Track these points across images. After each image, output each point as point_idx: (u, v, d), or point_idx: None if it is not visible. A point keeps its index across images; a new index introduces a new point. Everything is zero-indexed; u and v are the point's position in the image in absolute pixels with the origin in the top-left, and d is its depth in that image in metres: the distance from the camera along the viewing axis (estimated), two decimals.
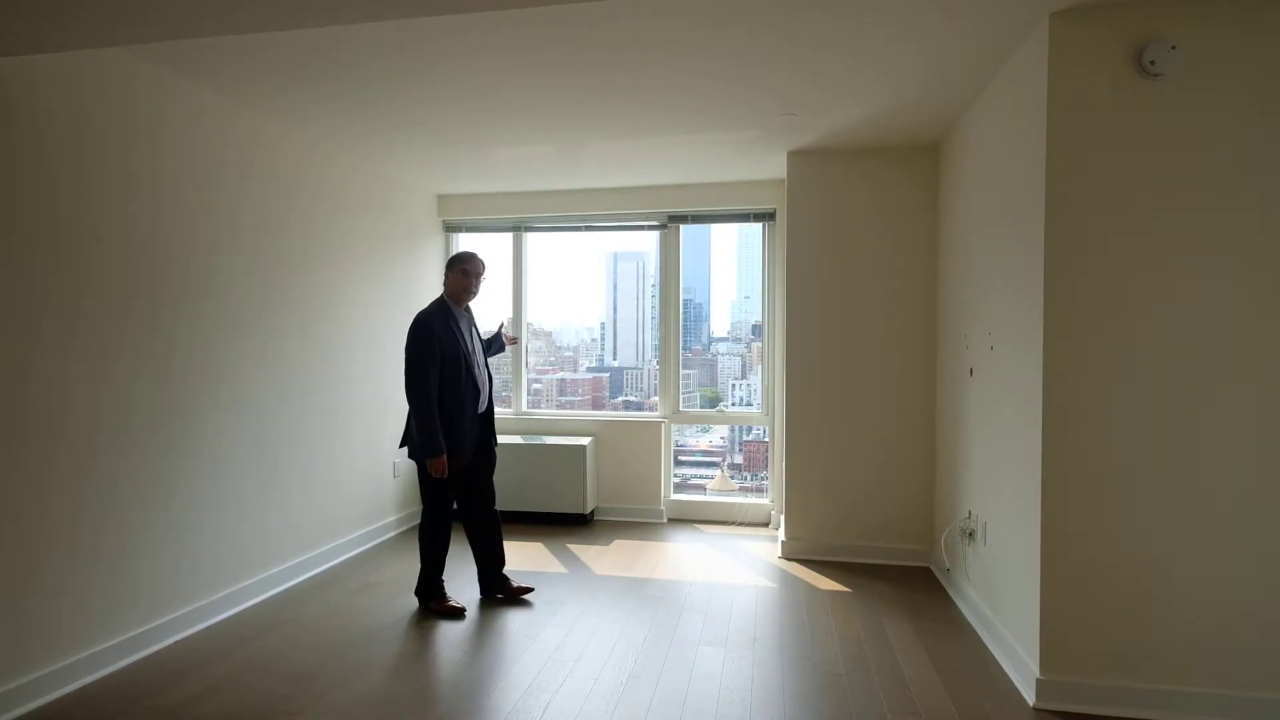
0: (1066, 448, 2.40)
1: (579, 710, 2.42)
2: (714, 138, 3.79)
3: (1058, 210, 2.38)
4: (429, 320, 3.21)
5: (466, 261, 3.32)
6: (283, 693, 2.53)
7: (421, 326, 3.18)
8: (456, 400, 3.21)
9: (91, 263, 2.60)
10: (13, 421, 2.35)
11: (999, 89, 2.87)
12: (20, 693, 2.38)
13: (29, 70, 2.40)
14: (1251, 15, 2.25)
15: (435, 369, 3.16)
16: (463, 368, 3.22)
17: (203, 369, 3.09)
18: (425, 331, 3.17)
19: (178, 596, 2.98)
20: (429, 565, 3.31)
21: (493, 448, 3.47)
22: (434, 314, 3.25)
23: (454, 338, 3.23)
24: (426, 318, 3.22)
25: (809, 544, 4.10)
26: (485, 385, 3.38)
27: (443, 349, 3.18)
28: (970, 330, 3.29)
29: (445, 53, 2.68)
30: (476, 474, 3.39)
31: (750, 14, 2.37)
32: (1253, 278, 2.27)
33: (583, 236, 5.27)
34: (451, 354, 3.20)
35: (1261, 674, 2.28)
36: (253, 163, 3.38)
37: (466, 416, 3.25)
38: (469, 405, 3.26)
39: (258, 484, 3.42)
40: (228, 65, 2.81)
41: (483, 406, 3.37)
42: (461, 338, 3.26)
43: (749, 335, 5.29)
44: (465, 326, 3.32)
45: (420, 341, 3.16)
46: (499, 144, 3.89)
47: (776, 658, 2.82)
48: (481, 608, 3.34)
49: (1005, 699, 2.50)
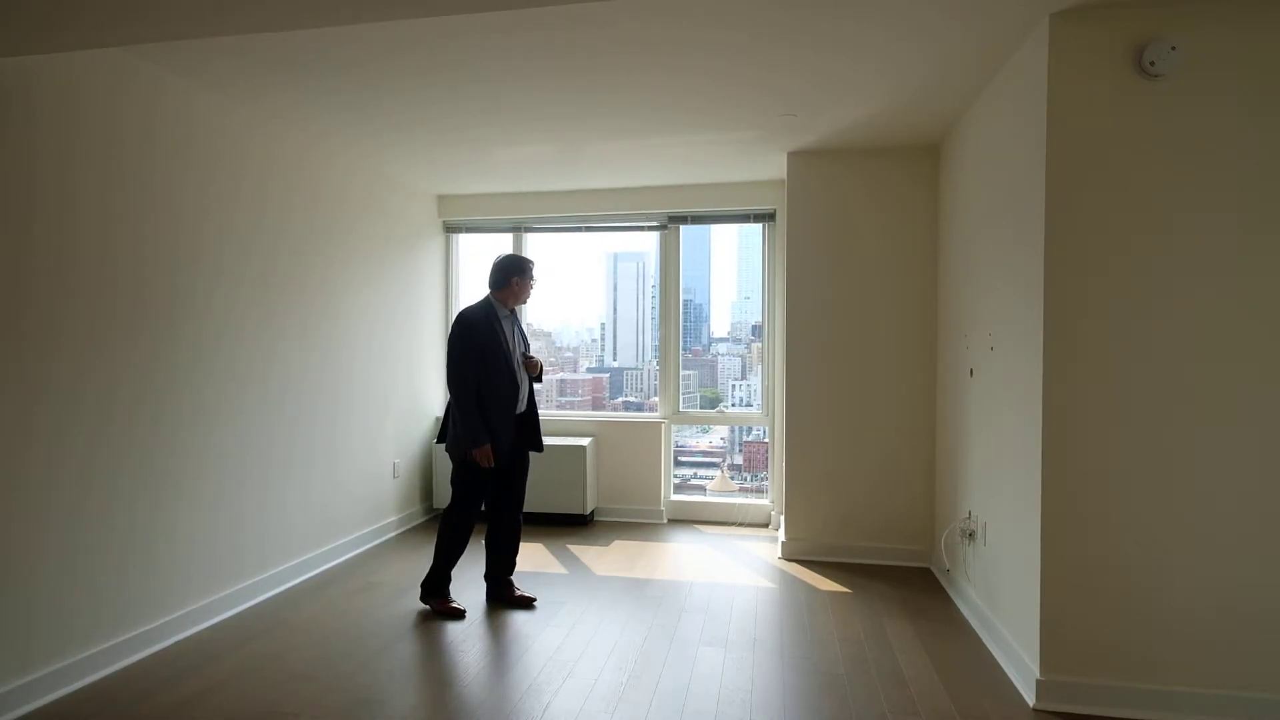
0: (1066, 448, 2.40)
1: (579, 710, 2.41)
2: (714, 138, 3.79)
3: (1057, 210, 2.38)
4: (473, 316, 3.26)
5: (531, 267, 3.39)
6: (282, 694, 2.53)
7: (465, 321, 3.24)
8: (494, 395, 3.23)
9: (90, 263, 2.60)
10: (12, 421, 2.35)
11: (999, 89, 2.87)
12: (20, 693, 2.38)
13: (27, 70, 2.40)
14: (1251, 15, 2.25)
15: (476, 363, 3.19)
16: (502, 364, 3.24)
17: (202, 370, 3.09)
18: (468, 327, 3.22)
19: (177, 597, 2.98)
20: (442, 561, 3.29)
21: (527, 454, 3.46)
22: (478, 311, 3.28)
23: (496, 335, 3.25)
24: (470, 313, 3.27)
25: (809, 544, 4.10)
26: (524, 385, 3.39)
27: (484, 344, 3.21)
28: (970, 330, 3.29)
29: (445, 53, 2.68)
30: (510, 476, 3.39)
31: (750, 14, 2.37)
32: (1252, 277, 2.27)
33: (583, 237, 5.27)
34: (492, 350, 3.22)
35: (1261, 674, 2.27)
36: (252, 162, 3.38)
37: (505, 412, 3.26)
38: (507, 402, 3.27)
39: (257, 484, 3.42)
40: (226, 65, 2.81)
41: (521, 407, 3.38)
42: (504, 336, 3.29)
43: (749, 336, 5.29)
44: (509, 326, 3.35)
45: (463, 336, 3.21)
46: (499, 144, 3.89)
47: (777, 658, 2.82)
48: (482, 609, 3.34)
49: (1005, 699, 2.50)
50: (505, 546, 3.41)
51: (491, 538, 3.43)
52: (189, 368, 3.02)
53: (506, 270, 3.34)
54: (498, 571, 3.43)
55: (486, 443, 3.15)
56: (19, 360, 2.37)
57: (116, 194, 2.70)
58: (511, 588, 3.42)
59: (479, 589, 3.51)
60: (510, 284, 3.34)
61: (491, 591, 3.45)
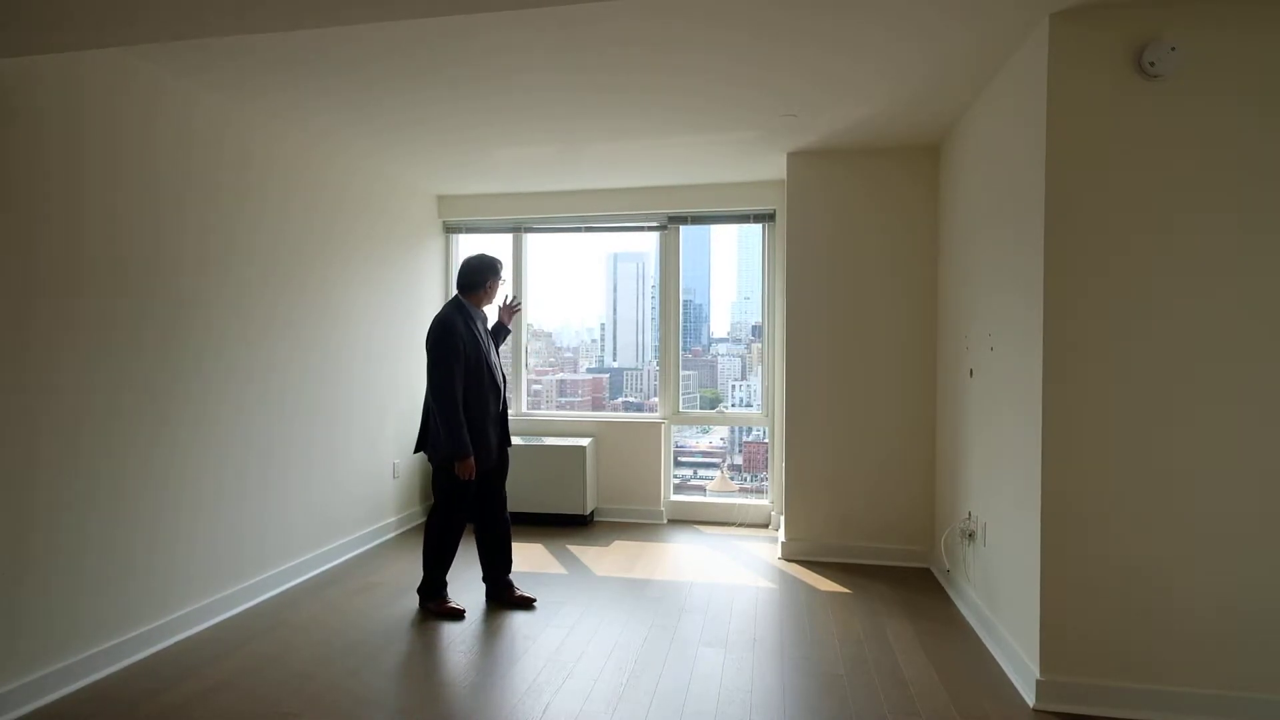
0: (1066, 448, 2.40)
1: (579, 711, 2.41)
2: (714, 138, 3.79)
3: (1057, 210, 2.38)
4: (451, 321, 3.17)
5: (501, 268, 3.38)
6: (282, 693, 2.53)
7: (445, 327, 3.14)
8: (479, 402, 3.19)
9: (90, 263, 2.60)
10: (12, 421, 2.35)
11: (999, 89, 2.87)
12: (20, 693, 2.38)
13: (27, 70, 2.40)
14: (1252, 16, 2.25)
15: (461, 369, 3.13)
16: (484, 368, 3.22)
17: (202, 369, 3.09)
18: (449, 333, 3.13)
19: (177, 597, 2.98)
20: (435, 565, 3.27)
21: (506, 453, 3.44)
22: (454, 314, 3.21)
23: (475, 338, 3.21)
24: (448, 318, 3.18)
25: (809, 545, 4.10)
26: (501, 384, 3.37)
27: (466, 349, 3.15)
28: (970, 331, 3.29)
29: (445, 53, 2.68)
30: (490, 477, 3.37)
31: (750, 15, 2.37)
32: (1252, 277, 2.27)
33: (583, 237, 5.27)
34: (473, 355, 3.18)
35: (1261, 674, 2.27)
36: (251, 162, 3.38)
37: (490, 419, 3.24)
38: (491, 407, 3.25)
39: (257, 485, 3.42)
40: (226, 65, 2.81)
41: (499, 406, 3.36)
42: (481, 337, 3.26)
43: (749, 336, 5.29)
44: (481, 325, 3.32)
45: (445, 343, 3.12)
46: (499, 144, 3.89)
47: (776, 658, 2.82)
48: (481, 609, 3.34)
49: (1005, 700, 2.49)
50: (497, 550, 3.39)
51: (481, 546, 3.40)
52: (190, 368, 3.02)
53: (482, 271, 3.30)
54: (495, 574, 3.41)
55: (470, 454, 3.10)
56: (12, 360, 2.37)
57: (119, 194, 2.70)
58: (511, 588, 3.40)
59: (479, 590, 3.51)
60: (486, 286, 3.31)
61: (491, 593, 3.43)
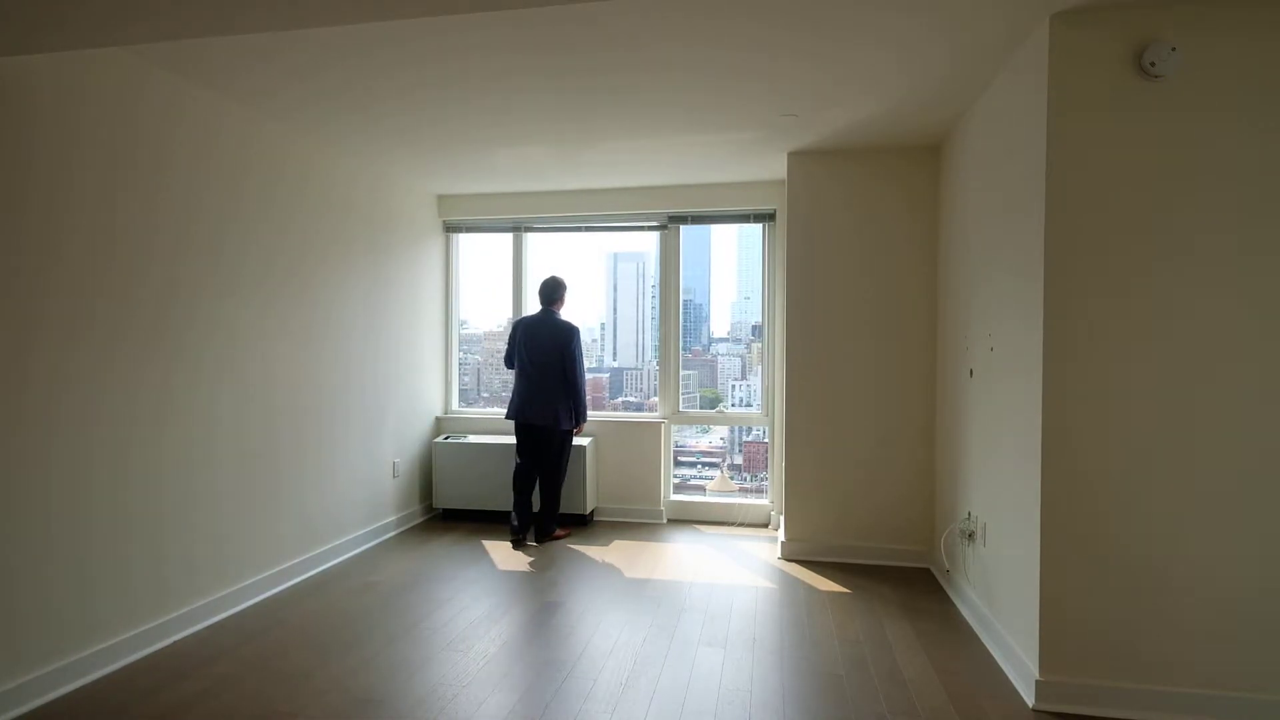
0: (1066, 448, 2.40)
1: (579, 710, 2.41)
2: (714, 138, 3.79)
3: (1058, 211, 2.38)
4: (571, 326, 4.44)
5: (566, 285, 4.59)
6: (281, 693, 2.53)
7: (578, 333, 4.42)
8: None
9: (90, 263, 2.60)
10: (12, 421, 2.35)
11: (999, 89, 2.87)
12: (19, 693, 2.38)
13: (26, 70, 2.40)
14: (1252, 17, 2.25)
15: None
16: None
17: (203, 368, 3.09)
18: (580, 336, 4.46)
19: (176, 596, 2.98)
20: (557, 506, 4.49)
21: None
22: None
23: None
24: (569, 325, 4.41)
25: (809, 545, 4.10)
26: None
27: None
28: (970, 332, 3.29)
29: (445, 53, 2.68)
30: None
31: (750, 14, 2.37)
32: (1252, 277, 2.27)
33: (583, 237, 5.27)
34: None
35: (1262, 674, 2.28)
36: (250, 162, 3.38)
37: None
38: None
39: (257, 484, 3.42)
40: (226, 65, 2.81)
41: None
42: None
43: (749, 336, 5.29)
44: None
45: (580, 343, 4.44)
46: (499, 144, 3.89)
47: (776, 658, 2.82)
48: (488, 603, 3.34)
49: (1005, 700, 2.50)
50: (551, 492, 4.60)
51: (544, 488, 4.52)
52: (189, 366, 3.02)
53: (562, 289, 4.51)
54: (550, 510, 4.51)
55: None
56: (11, 359, 2.37)
57: (120, 194, 2.70)
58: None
59: (498, 588, 3.51)
60: (563, 299, 4.50)
61: (543, 529, 4.48)
